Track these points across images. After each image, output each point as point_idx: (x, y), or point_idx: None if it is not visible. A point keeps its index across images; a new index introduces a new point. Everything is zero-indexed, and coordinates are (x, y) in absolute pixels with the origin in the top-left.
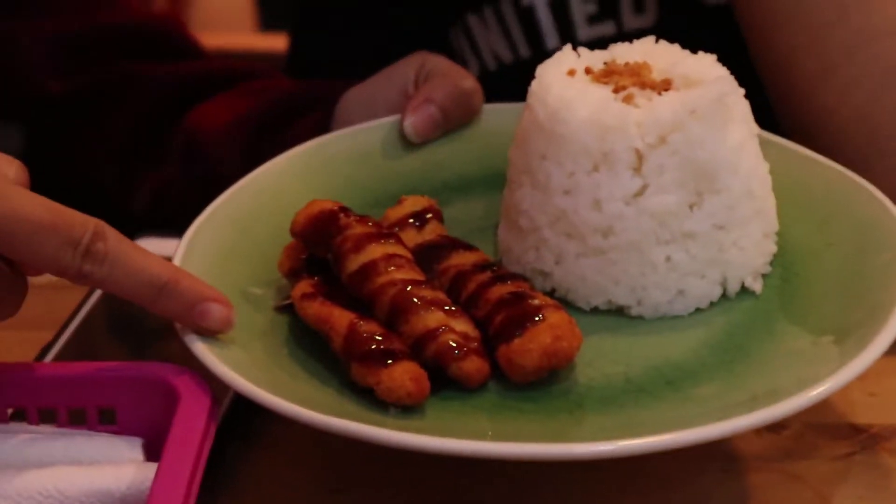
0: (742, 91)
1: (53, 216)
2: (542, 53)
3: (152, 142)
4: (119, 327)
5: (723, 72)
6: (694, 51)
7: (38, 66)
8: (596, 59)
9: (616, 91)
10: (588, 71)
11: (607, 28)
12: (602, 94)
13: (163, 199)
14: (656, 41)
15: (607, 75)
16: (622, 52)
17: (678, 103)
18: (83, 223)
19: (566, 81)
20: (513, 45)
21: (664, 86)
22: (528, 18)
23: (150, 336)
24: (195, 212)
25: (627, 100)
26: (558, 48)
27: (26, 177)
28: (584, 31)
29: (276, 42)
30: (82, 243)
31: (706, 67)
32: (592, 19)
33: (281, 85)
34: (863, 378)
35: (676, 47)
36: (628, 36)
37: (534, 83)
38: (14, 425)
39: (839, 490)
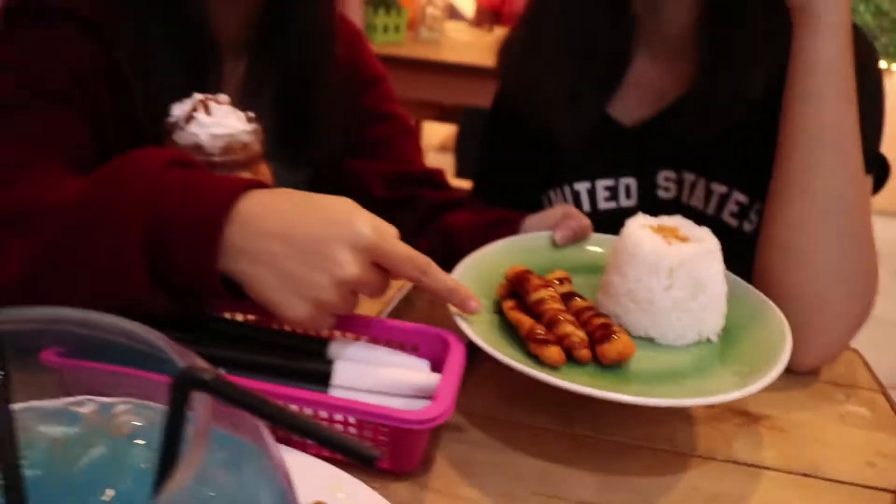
0: (719, 246)
1: (412, 254)
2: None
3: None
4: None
5: (712, 237)
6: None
7: (371, 183)
8: (653, 221)
9: (663, 238)
10: (650, 226)
11: (612, 205)
12: (656, 238)
13: None
14: (684, 217)
15: (660, 230)
16: (666, 220)
17: (691, 248)
18: (424, 259)
19: (641, 229)
20: None
21: (685, 239)
22: (576, 196)
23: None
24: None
25: (668, 243)
26: (591, 213)
27: (397, 233)
28: (602, 205)
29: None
30: (423, 268)
31: (705, 233)
32: (606, 200)
33: (494, 209)
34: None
35: (691, 222)
36: (624, 210)
37: (625, 227)
38: (362, 342)
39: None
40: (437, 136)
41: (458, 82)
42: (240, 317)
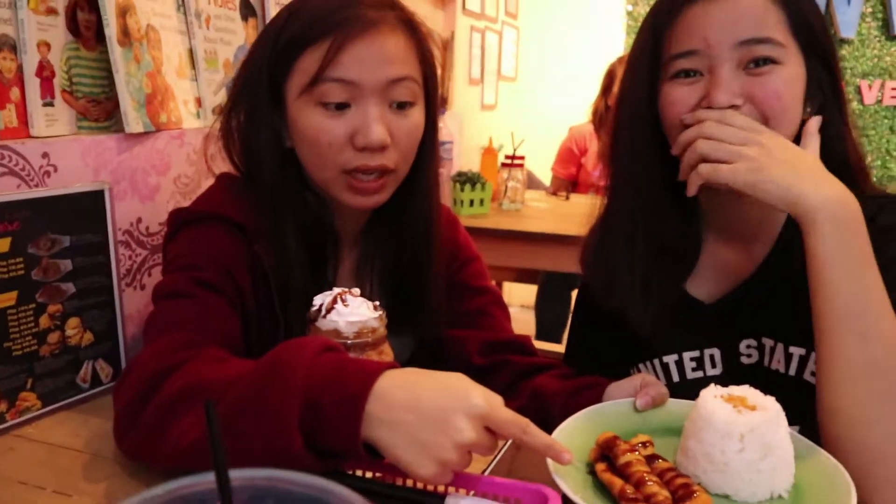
0: (783, 413)
1: (516, 418)
2: (671, 384)
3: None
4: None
5: (776, 405)
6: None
7: (470, 352)
8: (724, 391)
9: (734, 407)
10: (722, 396)
11: (699, 374)
12: (727, 407)
13: None
14: (767, 380)
15: (731, 399)
16: (735, 390)
17: (759, 416)
18: (524, 421)
19: (714, 399)
20: (658, 378)
21: (753, 407)
22: (665, 368)
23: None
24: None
25: (739, 411)
26: (679, 383)
27: (503, 401)
28: (690, 375)
29: (550, 347)
30: (524, 428)
31: (770, 402)
32: (693, 370)
33: (577, 374)
34: None
35: (758, 392)
36: (710, 378)
37: (699, 397)
38: (472, 497)
39: None
40: (519, 296)
41: (538, 249)
42: (360, 473)
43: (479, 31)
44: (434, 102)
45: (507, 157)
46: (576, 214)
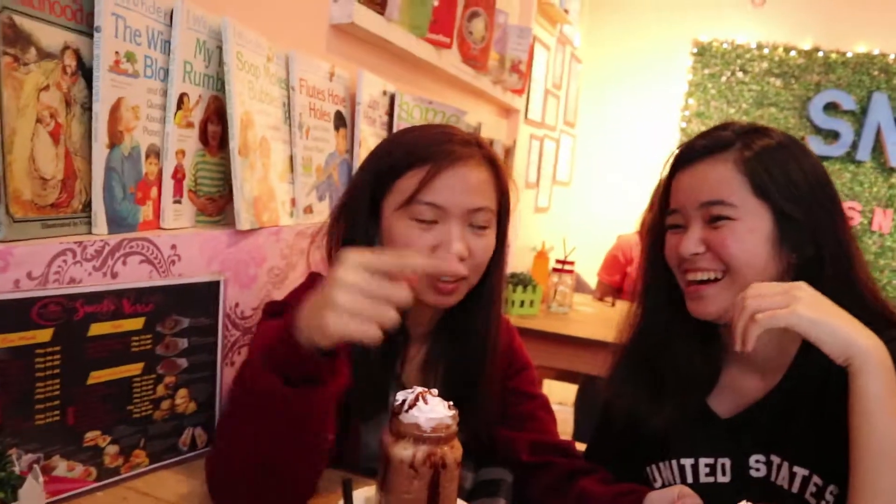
0: None
1: None
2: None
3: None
4: None
5: None
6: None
7: (519, 451)
8: None
9: None
10: None
11: (711, 479)
12: None
13: None
14: (773, 494)
15: None
16: None
17: None
18: None
19: None
20: (674, 480)
21: None
22: (681, 470)
23: None
24: None
25: None
26: (692, 485)
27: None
28: (703, 479)
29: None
30: None
31: None
32: (706, 475)
33: (618, 481)
34: None
35: None
36: (720, 485)
37: None
38: None
39: None
40: (559, 394)
41: (582, 353)
42: None
43: (538, 138)
44: (505, 227)
45: (557, 261)
46: (620, 321)
